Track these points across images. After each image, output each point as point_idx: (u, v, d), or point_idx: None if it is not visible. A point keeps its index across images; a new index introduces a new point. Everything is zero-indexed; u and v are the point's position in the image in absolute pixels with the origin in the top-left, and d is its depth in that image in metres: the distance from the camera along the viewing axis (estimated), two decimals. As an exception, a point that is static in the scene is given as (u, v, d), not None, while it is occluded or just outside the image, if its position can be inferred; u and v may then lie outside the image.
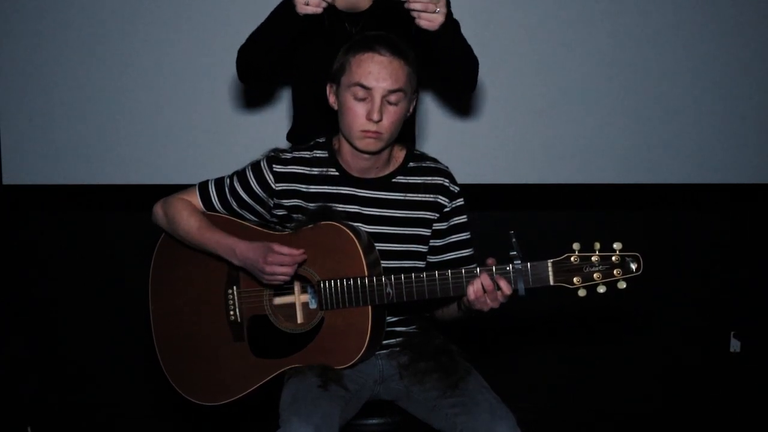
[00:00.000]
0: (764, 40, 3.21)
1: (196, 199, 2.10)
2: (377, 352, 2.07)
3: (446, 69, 2.24)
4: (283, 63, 2.30)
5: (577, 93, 3.17)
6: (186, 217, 2.06)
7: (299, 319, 2.02)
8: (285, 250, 1.91)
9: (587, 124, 3.19)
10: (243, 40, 3.06)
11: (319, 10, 2.06)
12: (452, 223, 2.08)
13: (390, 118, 1.93)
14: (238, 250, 1.98)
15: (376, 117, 1.91)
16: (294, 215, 2.05)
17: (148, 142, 3.11)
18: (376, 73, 1.91)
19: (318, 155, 2.07)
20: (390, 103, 1.93)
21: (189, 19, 3.07)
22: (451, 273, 1.86)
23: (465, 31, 2.14)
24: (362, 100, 1.93)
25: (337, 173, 2.06)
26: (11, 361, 3.26)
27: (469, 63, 2.28)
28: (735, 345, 3.40)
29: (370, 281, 1.91)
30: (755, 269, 3.37)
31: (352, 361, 1.95)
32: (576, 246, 1.78)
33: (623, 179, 3.22)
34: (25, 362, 3.26)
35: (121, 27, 3.06)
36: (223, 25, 3.07)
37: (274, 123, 3.10)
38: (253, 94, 3.10)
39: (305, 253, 1.95)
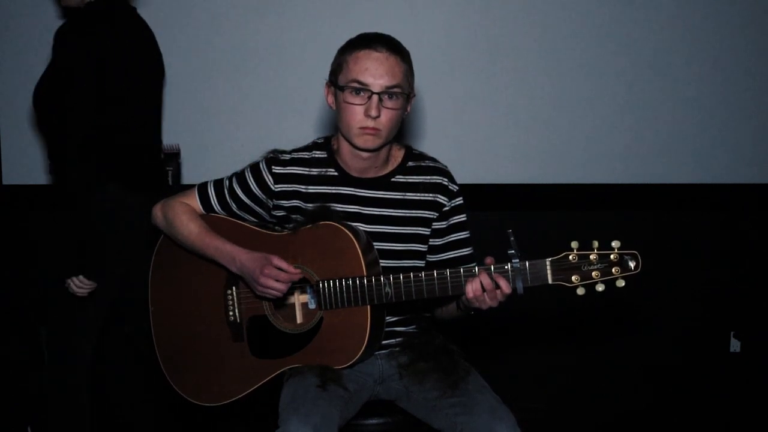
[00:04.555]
0: (764, 40, 3.22)
1: (195, 202, 2.10)
2: (377, 352, 2.07)
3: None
4: None
5: (578, 93, 3.17)
6: (186, 221, 2.06)
7: (298, 320, 2.02)
8: (282, 264, 1.92)
9: (587, 124, 3.19)
10: (242, 40, 3.09)
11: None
12: (451, 222, 2.08)
13: (388, 114, 1.93)
14: (238, 258, 1.98)
15: (374, 113, 1.91)
16: (293, 216, 2.05)
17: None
18: (373, 69, 1.91)
19: (317, 155, 2.07)
20: (387, 99, 1.93)
21: (188, 19, 3.07)
22: (449, 272, 1.85)
23: (466, 30, 2.14)
24: (360, 97, 1.93)
25: (336, 173, 2.06)
26: (11, 361, 3.26)
27: None
28: (735, 345, 3.40)
29: (369, 281, 1.91)
30: (755, 269, 3.38)
31: (352, 361, 1.95)
32: (574, 244, 1.77)
33: (623, 179, 3.23)
34: (25, 362, 3.26)
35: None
36: (223, 25, 3.08)
37: (273, 123, 3.10)
38: (253, 94, 3.10)
39: (304, 256, 1.96)
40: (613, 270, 1.76)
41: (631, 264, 1.75)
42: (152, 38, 2.61)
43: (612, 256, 1.76)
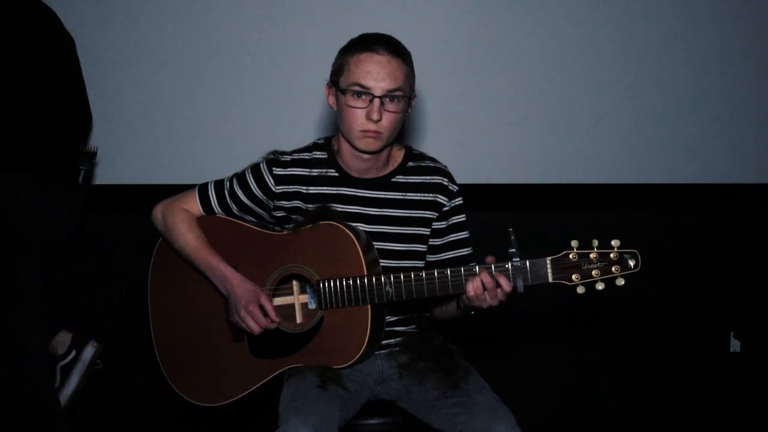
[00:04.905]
0: (764, 40, 3.22)
1: (195, 204, 2.10)
2: (377, 352, 2.08)
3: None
4: None
5: (577, 93, 3.17)
6: (184, 231, 2.07)
7: (298, 319, 2.02)
8: (268, 308, 1.95)
9: (587, 124, 3.19)
10: (243, 39, 3.09)
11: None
12: (451, 222, 2.09)
13: (389, 117, 1.94)
14: (229, 282, 2.00)
15: (375, 116, 1.91)
16: (293, 216, 2.05)
17: (148, 142, 3.11)
18: (375, 72, 1.91)
19: (317, 156, 2.08)
20: (389, 103, 1.93)
21: (189, 19, 3.07)
22: (450, 272, 1.86)
23: (466, 30, 2.13)
24: (361, 100, 1.93)
25: (336, 174, 2.06)
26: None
27: None
28: (735, 345, 3.40)
29: (369, 280, 1.91)
30: (755, 269, 3.37)
31: (352, 361, 1.95)
32: (574, 243, 1.78)
33: (623, 179, 3.22)
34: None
35: (121, 26, 3.06)
36: (223, 25, 3.08)
37: (273, 123, 3.10)
38: (253, 94, 3.10)
39: (305, 256, 1.97)
40: (613, 269, 1.76)
41: (631, 263, 1.75)
42: (54, 22, 2.53)
43: (612, 255, 1.77)
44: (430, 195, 2.07)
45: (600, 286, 1.77)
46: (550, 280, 1.79)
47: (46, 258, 2.56)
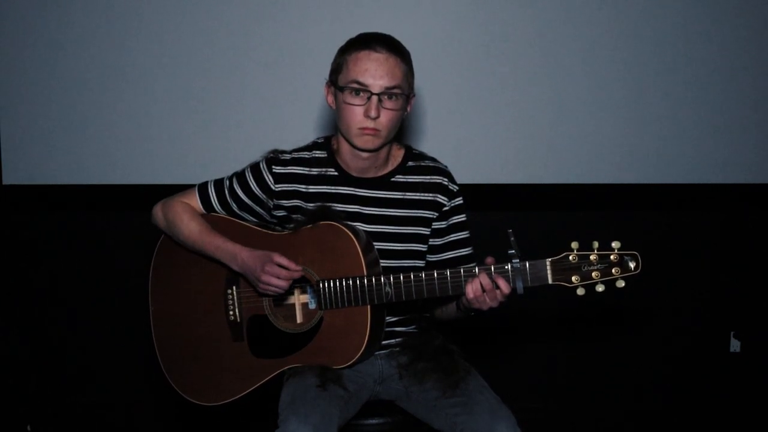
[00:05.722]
0: (764, 40, 3.21)
1: (195, 202, 2.10)
2: (377, 353, 2.08)
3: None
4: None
5: (578, 93, 3.17)
6: (186, 220, 2.06)
7: (298, 319, 2.02)
8: (284, 261, 1.91)
9: (587, 124, 3.19)
10: (242, 39, 3.09)
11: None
12: (451, 222, 2.08)
13: (387, 115, 1.94)
14: (239, 256, 1.98)
15: (373, 114, 1.91)
16: (293, 215, 2.05)
17: (148, 143, 3.11)
18: (373, 70, 1.91)
19: (317, 155, 2.08)
20: (387, 100, 1.93)
21: (188, 19, 3.07)
22: (450, 272, 1.85)
23: (466, 30, 2.13)
24: (359, 97, 1.93)
25: (336, 173, 2.06)
26: (11, 361, 3.26)
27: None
28: (735, 345, 3.40)
29: (369, 281, 1.91)
30: (755, 269, 3.37)
31: (351, 361, 1.95)
32: (574, 245, 1.77)
33: (623, 179, 3.22)
34: (25, 362, 3.26)
35: (120, 27, 3.06)
36: (223, 25, 3.08)
37: (273, 122, 3.10)
38: (253, 94, 3.10)
39: (305, 256, 1.96)
40: (613, 270, 1.76)
41: (631, 264, 1.75)
42: None
43: (612, 257, 1.76)
44: (430, 195, 2.07)
45: (600, 288, 1.77)
46: (550, 281, 1.79)
47: None
